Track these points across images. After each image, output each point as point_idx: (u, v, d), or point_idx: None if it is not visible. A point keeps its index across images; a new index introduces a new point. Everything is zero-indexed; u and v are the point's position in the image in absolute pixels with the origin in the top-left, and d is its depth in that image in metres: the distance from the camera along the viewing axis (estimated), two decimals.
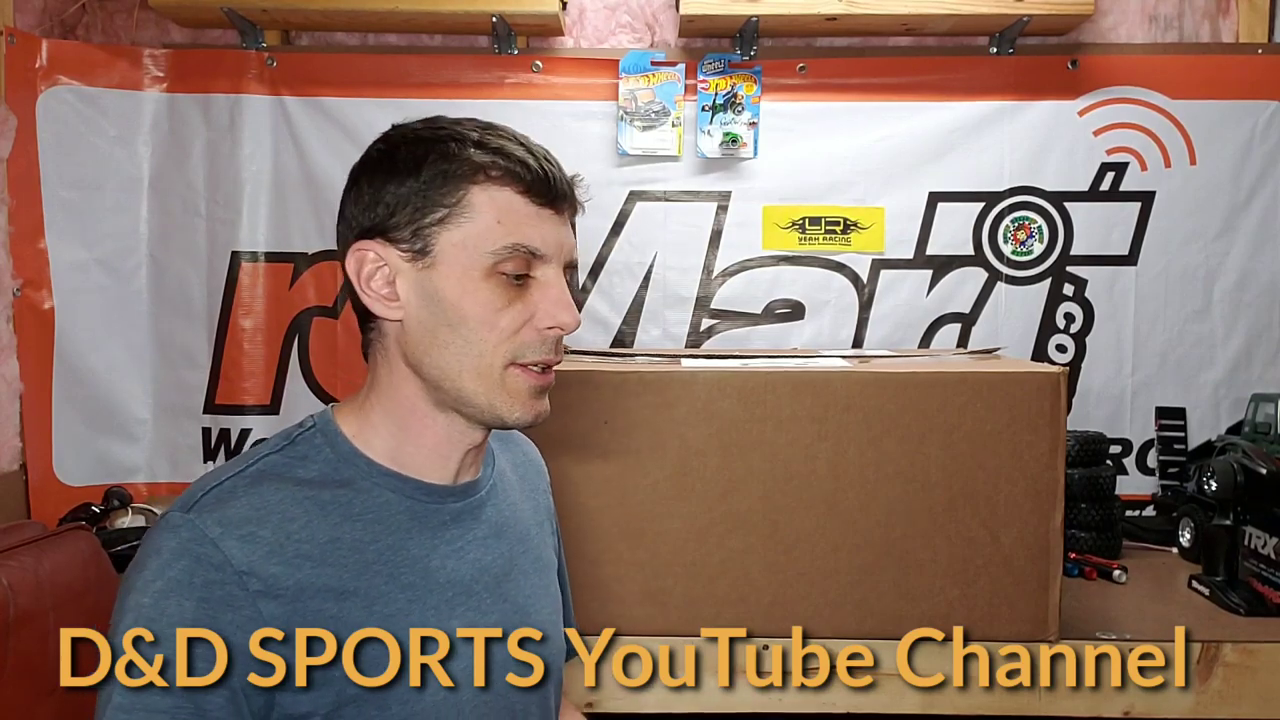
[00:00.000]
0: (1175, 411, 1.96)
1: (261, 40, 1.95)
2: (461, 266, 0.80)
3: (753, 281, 1.99)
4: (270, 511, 0.77)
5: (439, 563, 0.84)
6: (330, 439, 0.84)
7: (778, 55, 1.95)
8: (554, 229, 0.82)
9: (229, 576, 0.73)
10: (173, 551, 0.73)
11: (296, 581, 0.75)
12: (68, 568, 1.15)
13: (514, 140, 0.82)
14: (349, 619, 0.77)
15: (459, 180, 0.80)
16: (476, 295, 0.80)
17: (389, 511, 0.82)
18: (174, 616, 0.71)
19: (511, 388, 0.82)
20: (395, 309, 0.82)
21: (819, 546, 1.31)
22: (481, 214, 0.80)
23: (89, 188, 1.91)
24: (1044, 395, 1.28)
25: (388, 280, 0.82)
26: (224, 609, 0.72)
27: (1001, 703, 1.32)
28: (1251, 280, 1.95)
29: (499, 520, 0.92)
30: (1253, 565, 1.50)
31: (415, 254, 0.81)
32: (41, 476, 1.87)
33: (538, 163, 0.81)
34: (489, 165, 0.80)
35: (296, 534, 0.77)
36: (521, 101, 1.95)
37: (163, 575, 0.72)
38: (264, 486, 0.78)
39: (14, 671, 1.03)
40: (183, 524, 0.74)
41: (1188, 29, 1.99)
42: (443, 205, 0.80)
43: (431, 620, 0.81)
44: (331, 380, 1.98)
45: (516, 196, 0.80)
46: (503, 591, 0.89)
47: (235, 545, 0.74)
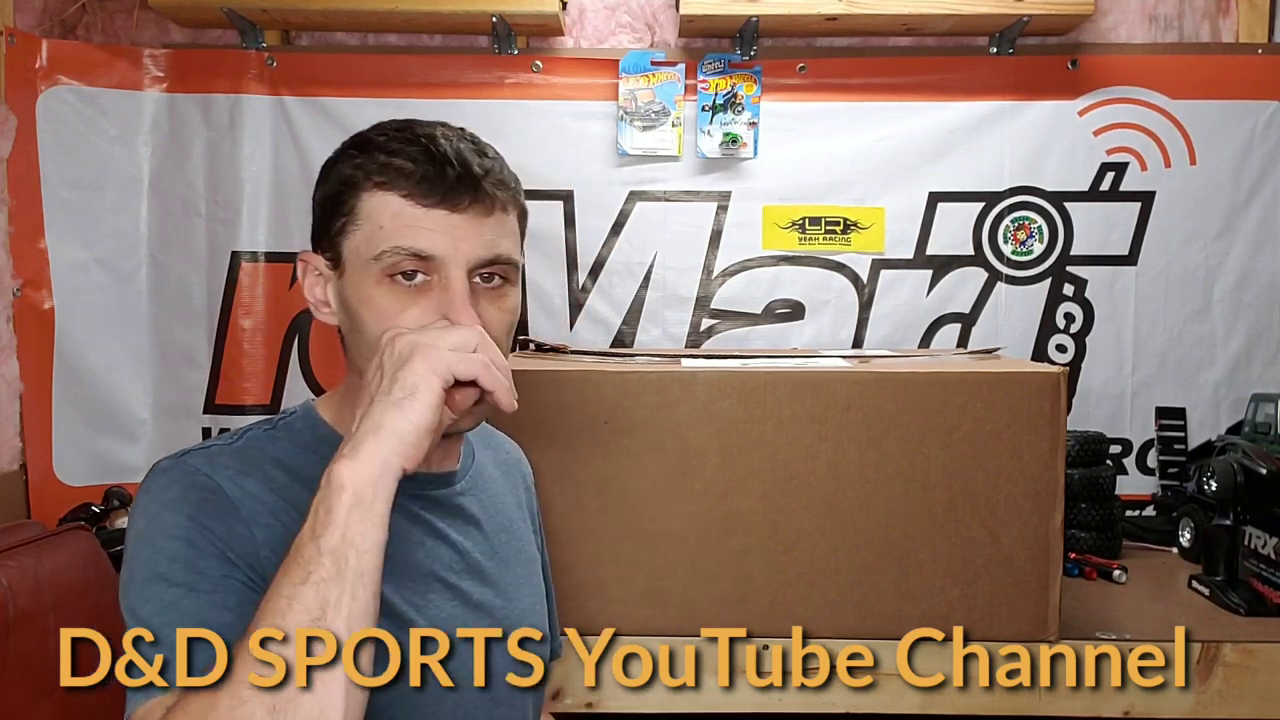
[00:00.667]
0: (1175, 411, 1.96)
1: (261, 40, 1.95)
2: (358, 273, 0.82)
3: (753, 281, 1.99)
4: (255, 469, 0.80)
5: (417, 539, 0.86)
6: (311, 424, 0.87)
7: (778, 55, 1.95)
8: (449, 229, 0.79)
9: (222, 499, 0.76)
10: (164, 484, 0.76)
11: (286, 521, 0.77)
12: (67, 568, 1.15)
13: (416, 142, 0.81)
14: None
15: (352, 188, 0.82)
16: (371, 301, 0.81)
17: None
18: (168, 524, 0.73)
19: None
20: (328, 314, 0.86)
21: (819, 546, 1.31)
22: (369, 220, 0.81)
23: (89, 188, 1.91)
24: (1044, 395, 1.28)
25: (323, 287, 0.86)
26: (218, 519, 0.75)
27: (1001, 703, 1.32)
28: (1251, 280, 1.95)
29: (480, 511, 0.94)
30: (1253, 565, 1.50)
31: (332, 262, 0.84)
32: (41, 476, 1.87)
33: (429, 162, 0.79)
34: (374, 171, 0.81)
35: (280, 490, 0.80)
36: (521, 101, 1.95)
37: (157, 500, 0.75)
38: (248, 453, 0.82)
39: (14, 671, 1.03)
40: (172, 465, 0.78)
41: (1188, 29, 1.99)
42: (342, 214, 0.83)
43: (405, 592, 0.83)
44: (331, 380, 1.98)
45: (400, 200, 0.80)
46: (484, 575, 0.90)
47: (225, 479, 0.77)
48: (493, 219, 0.82)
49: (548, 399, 1.28)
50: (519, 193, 0.88)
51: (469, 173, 0.80)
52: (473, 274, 0.81)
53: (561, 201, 1.96)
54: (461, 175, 0.80)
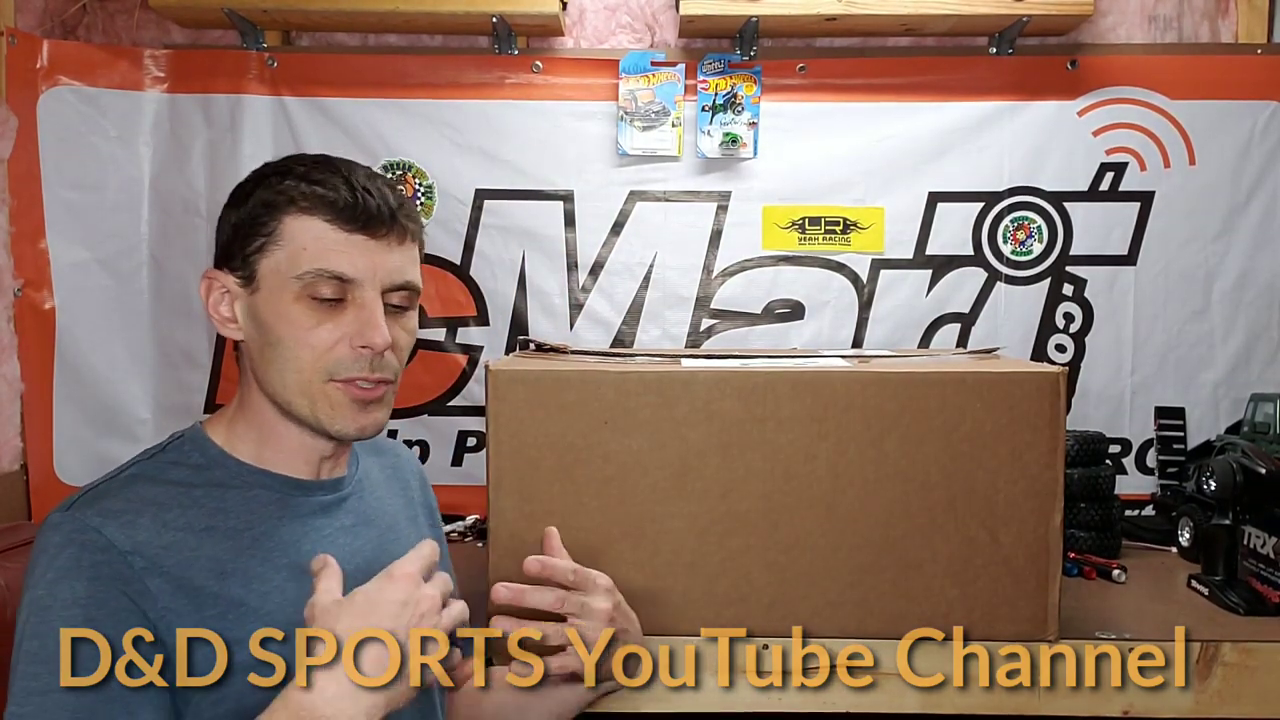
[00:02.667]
0: (1175, 411, 1.96)
1: (262, 41, 1.95)
2: (276, 290, 0.87)
3: (753, 281, 1.99)
4: (146, 504, 0.83)
5: (310, 546, 0.89)
6: (199, 445, 0.91)
7: (778, 55, 1.96)
8: (367, 254, 0.87)
9: (115, 557, 0.78)
10: (58, 545, 0.78)
11: (178, 562, 0.80)
12: None
13: (336, 173, 0.88)
14: (230, 596, 0.82)
15: (275, 210, 0.87)
16: (288, 316, 0.86)
17: (260, 503, 0.89)
18: (67, 599, 0.75)
19: (333, 400, 0.88)
20: (234, 330, 0.91)
21: (819, 546, 1.31)
22: (292, 240, 0.87)
23: (90, 188, 1.91)
24: (1044, 395, 1.28)
25: (229, 304, 0.91)
26: (114, 584, 0.77)
27: (1001, 703, 1.32)
28: (1251, 280, 1.95)
29: (366, 512, 0.99)
30: (1252, 565, 1.50)
31: (245, 280, 0.89)
32: (42, 476, 1.88)
33: (351, 192, 0.86)
34: (300, 196, 0.86)
35: (173, 522, 0.83)
36: (521, 102, 1.95)
37: (52, 566, 0.77)
38: (137, 485, 0.85)
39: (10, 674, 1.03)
40: (62, 520, 0.80)
41: (1187, 29, 1.99)
42: (262, 234, 0.88)
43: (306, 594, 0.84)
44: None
45: (324, 224, 0.86)
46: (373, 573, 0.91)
47: (115, 530, 0.79)
48: (403, 248, 0.91)
49: (547, 399, 1.28)
50: (422, 228, 0.97)
51: (386, 204, 0.88)
52: (384, 297, 0.89)
53: (561, 201, 1.97)
54: (380, 206, 0.88)
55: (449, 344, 1.99)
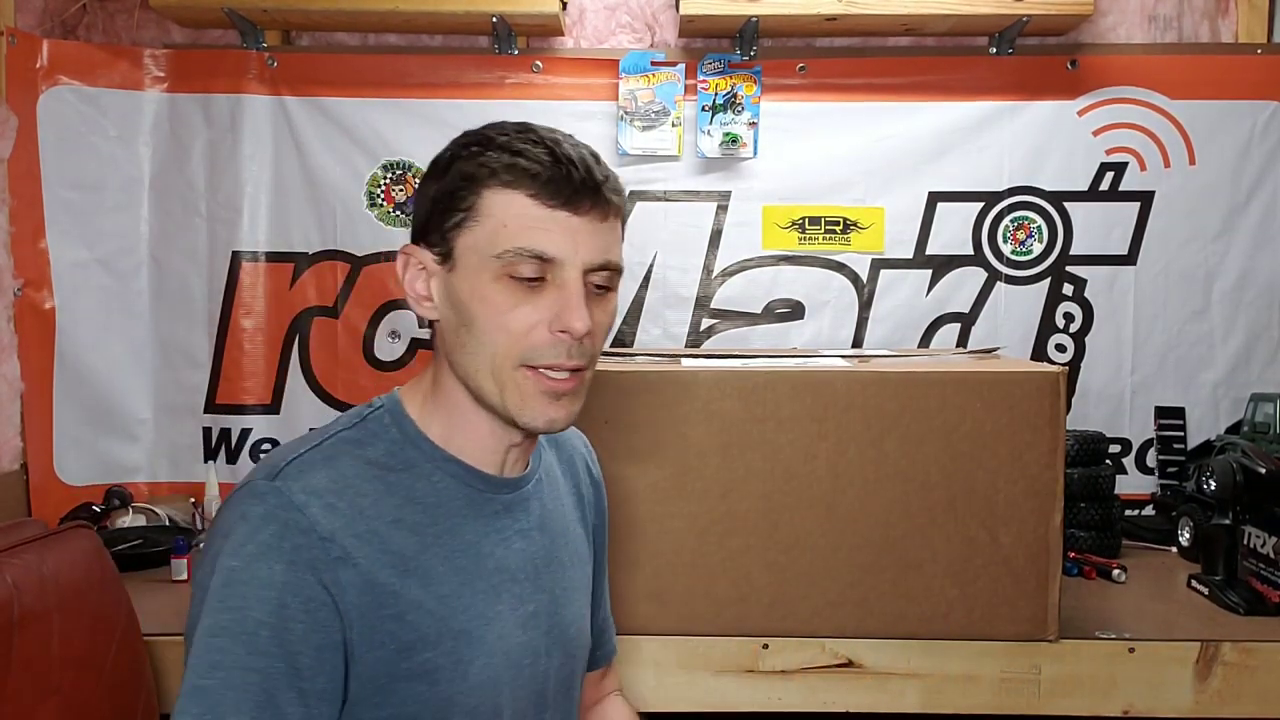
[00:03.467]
0: (1174, 411, 1.96)
1: (262, 40, 1.95)
2: (474, 269, 0.82)
3: (753, 281, 1.99)
4: (346, 485, 0.80)
5: (489, 549, 0.87)
6: (397, 420, 0.87)
7: (778, 55, 1.96)
8: (570, 232, 0.81)
9: (314, 541, 0.76)
10: (260, 517, 0.76)
11: (366, 555, 0.78)
12: (71, 567, 1.14)
13: (540, 143, 0.82)
14: (408, 596, 0.79)
15: (474, 183, 0.82)
16: (485, 297, 0.81)
17: (447, 496, 0.85)
18: (264, 578, 0.73)
19: (523, 389, 0.83)
20: (429, 309, 0.86)
21: (819, 546, 1.31)
22: (491, 217, 0.81)
23: (90, 188, 1.91)
24: (1043, 395, 1.29)
25: (425, 282, 0.86)
26: (309, 571, 0.75)
27: (1001, 702, 1.32)
28: (1251, 280, 1.95)
29: (543, 514, 0.94)
30: (1252, 564, 1.50)
31: (443, 257, 0.84)
32: (42, 476, 1.87)
33: (555, 164, 0.81)
34: (501, 169, 0.81)
35: (367, 509, 0.80)
36: (521, 101, 1.95)
37: (253, 539, 0.75)
38: (339, 461, 0.82)
39: (18, 671, 1.03)
40: (269, 491, 0.77)
41: (1187, 29, 1.99)
42: (460, 209, 0.82)
43: (480, 602, 0.84)
44: (332, 380, 1.98)
45: (526, 199, 0.81)
46: (541, 581, 0.91)
47: (319, 512, 0.77)
48: (607, 224, 0.84)
49: None
50: (625, 202, 0.91)
51: (591, 177, 0.82)
52: (585, 277, 0.83)
53: None
54: (585, 179, 0.81)
55: None
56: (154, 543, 1.70)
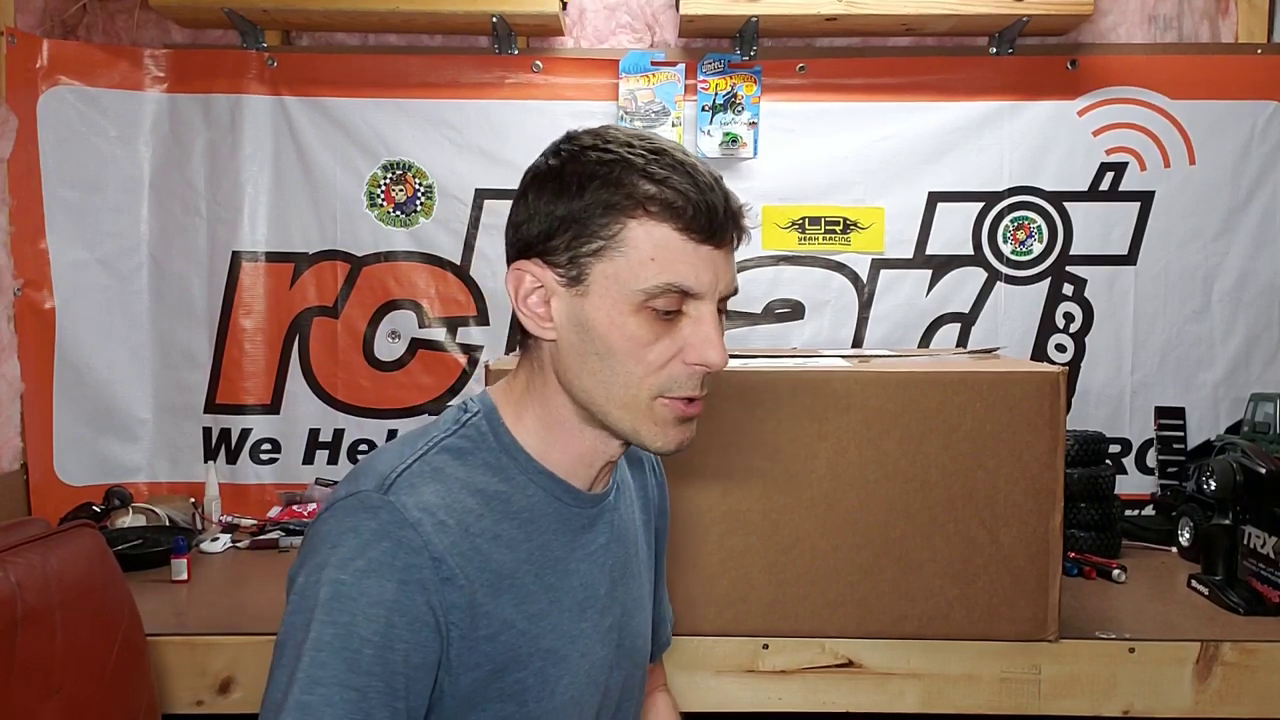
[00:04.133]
0: (1174, 411, 1.96)
1: (262, 40, 1.95)
2: (612, 299, 0.79)
3: (753, 281, 1.99)
4: (454, 500, 0.79)
5: (574, 565, 0.86)
6: (495, 428, 0.85)
7: (777, 55, 1.96)
8: (711, 265, 0.79)
9: (425, 561, 0.74)
10: (373, 532, 0.74)
11: (468, 575, 0.77)
12: (74, 566, 1.14)
13: (680, 169, 0.79)
14: (502, 615, 0.79)
15: (617, 213, 0.78)
16: (625, 329, 0.79)
17: (539, 512, 0.84)
18: (374, 596, 0.72)
19: (658, 417, 0.82)
20: (549, 329, 0.82)
21: (819, 546, 1.31)
22: (636, 249, 0.78)
23: (90, 188, 1.91)
24: (1043, 395, 1.29)
25: (543, 300, 0.82)
26: (419, 591, 0.74)
27: (1001, 702, 1.32)
28: (1251, 280, 1.95)
29: (619, 527, 0.94)
30: (1252, 564, 1.50)
31: (570, 280, 0.80)
32: (42, 476, 1.87)
33: (700, 196, 0.78)
34: (648, 200, 0.78)
35: (472, 526, 0.79)
36: (521, 101, 1.95)
37: (364, 554, 0.73)
38: (446, 474, 0.80)
39: (20, 669, 1.03)
40: (382, 505, 0.75)
41: (1187, 29, 1.99)
42: (600, 237, 0.79)
43: (567, 620, 0.84)
44: (332, 380, 1.98)
45: (674, 234, 0.78)
46: (616, 595, 0.91)
47: (432, 531, 0.75)
48: (733, 255, 0.83)
49: None
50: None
51: (730, 209, 0.80)
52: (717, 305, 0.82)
53: None
54: (726, 211, 0.79)
55: (449, 344, 1.99)
56: (154, 543, 1.70)
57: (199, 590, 1.58)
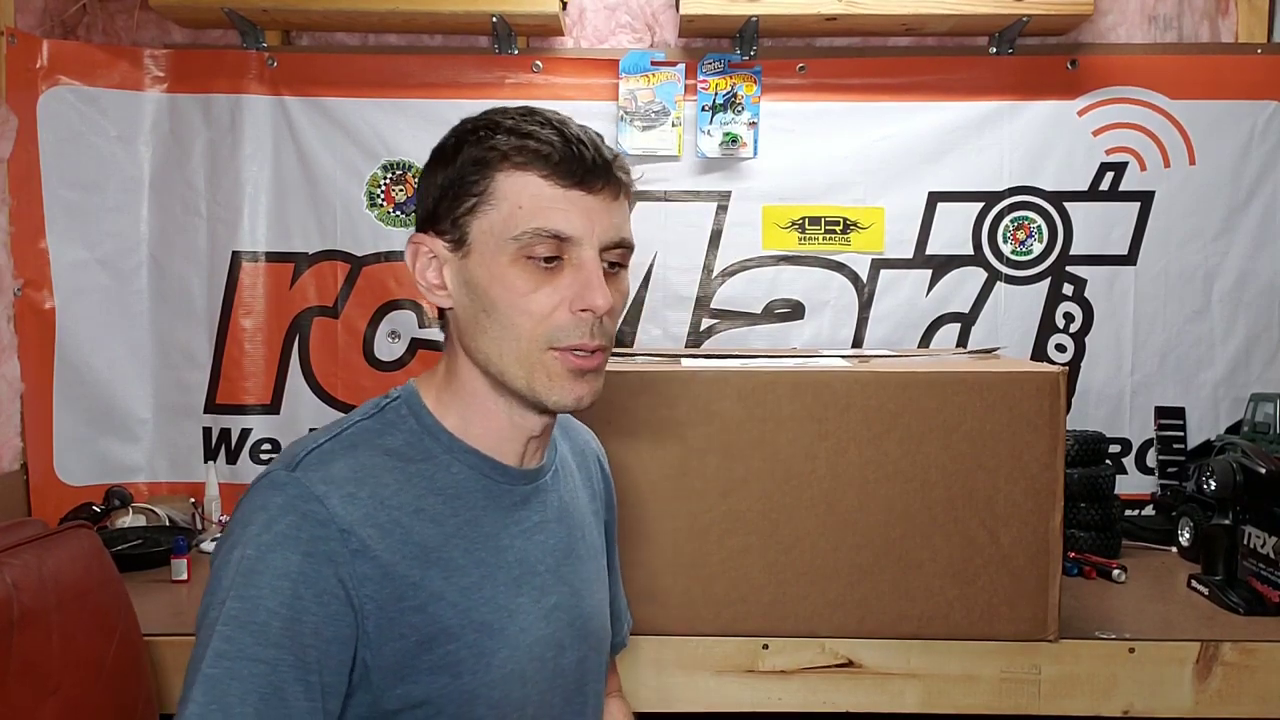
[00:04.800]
0: (1174, 411, 1.96)
1: (262, 40, 1.95)
2: (491, 253, 0.82)
3: (753, 281, 1.99)
4: (367, 475, 0.80)
5: (508, 541, 0.87)
6: (415, 410, 0.87)
7: (778, 55, 1.96)
8: (585, 211, 0.81)
9: (333, 533, 0.75)
10: (279, 507, 0.75)
11: (387, 545, 0.78)
12: (70, 566, 1.14)
13: (548, 124, 0.82)
14: (430, 588, 0.79)
15: (485, 167, 0.82)
16: (505, 280, 0.81)
17: (466, 488, 0.85)
18: (279, 568, 0.73)
19: (551, 370, 0.83)
20: (444, 297, 0.85)
21: (819, 546, 1.31)
22: (506, 199, 0.81)
23: (89, 188, 1.91)
24: (1044, 395, 1.29)
25: (438, 270, 0.85)
26: (326, 562, 0.74)
27: (1001, 702, 1.32)
28: (1250, 280, 1.95)
29: (561, 506, 0.94)
30: (1252, 565, 1.50)
31: (455, 243, 0.83)
32: (42, 476, 1.87)
33: (565, 144, 0.80)
34: (513, 151, 0.81)
35: (389, 500, 0.80)
36: (521, 101, 1.94)
37: (269, 529, 0.74)
38: (359, 451, 0.82)
39: (17, 671, 1.03)
40: (288, 481, 0.77)
41: (1187, 29, 1.99)
42: (473, 194, 0.82)
43: (501, 594, 0.84)
44: (332, 380, 1.98)
45: (540, 180, 0.81)
46: (561, 574, 0.91)
47: (339, 503, 0.76)
48: (618, 204, 0.85)
49: None
50: (634, 181, 0.90)
51: (601, 156, 0.82)
52: (600, 255, 0.83)
53: None
54: (595, 158, 0.81)
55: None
56: (154, 543, 1.70)
57: (199, 590, 1.55)
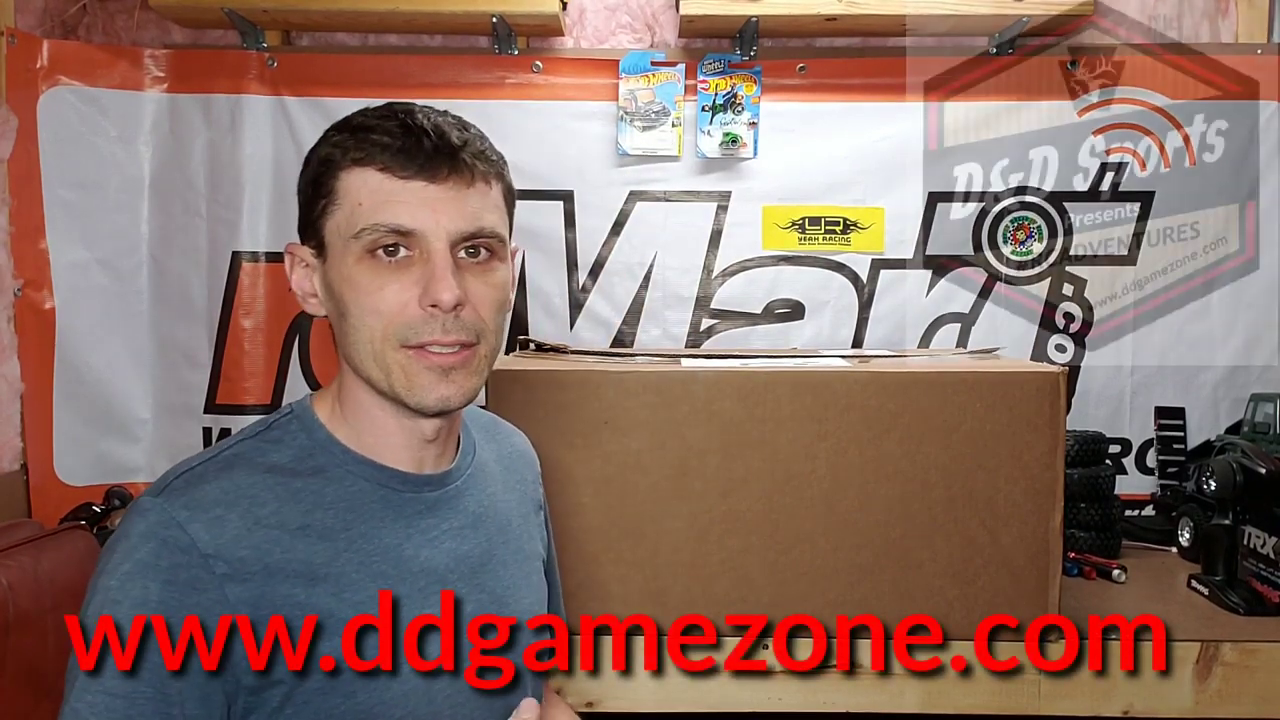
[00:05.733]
0: (1174, 411, 1.96)
1: (262, 41, 1.95)
2: (340, 253, 0.80)
3: (753, 281, 1.99)
4: (240, 496, 0.77)
5: (413, 551, 0.84)
6: (306, 425, 0.85)
7: (778, 55, 1.96)
8: (426, 201, 0.78)
9: (195, 559, 0.73)
10: (140, 535, 0.74)
11: (265, 566, 0.75)
12: (66, 568, 1.14)
13: (392, 117, 0.80)
14: (318, 605, 0.77)
15: (330, 168, 0.80)
16: (352, 279, 0.79)
17: (361, 500, 0.82)
18: (138, 598, 0.71)
19: (407, 370, 0.81)
20: (315, 304, 0.85)
21: (819, 546, 1.31)
22: (348, 197, 0.79)
23: (90, 188, 1.91)
24: (1044, 395, 1.29)
25: (309, 278, 0.85)
26: (189, 591, 0.72)
27: (1001, 701, 1.32)
28: (1251, 280, 1.95)
29: (477, 510, 0.91)
30: (1252, 565, 1.50)
31: (316, 248, 0.83)
32: (42, 476, 1.87)
33: (405, 134, 0.78)
34: (351, 147, 0.79)
35: (266, 519, 0.77)
36: (522, 102, 1.95)
37: (130, 558, 0.73)
38: (235, 471, 0.79)
39: (13, 672, 1.03)
40: (151, 508, 0.75)
41: (1187, 29, 1.99)
42: (322, 195, 0.81)
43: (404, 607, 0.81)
44: (331, 380, 1.98)
45: (378, 174, 0.79)
46: (479, 581, 0.88)
47: (201, 528, 0.74)
48: (474, 191, 0.81)
49: (547, 399, 1.28)
50: (502, 167, 0.86)
51: (446, 143, 0.79)
52: (456, 248, 0.80)
53: (561, 201, 1.96)
54: (439, 146, 0.78)
55: None
56: None
57: None
